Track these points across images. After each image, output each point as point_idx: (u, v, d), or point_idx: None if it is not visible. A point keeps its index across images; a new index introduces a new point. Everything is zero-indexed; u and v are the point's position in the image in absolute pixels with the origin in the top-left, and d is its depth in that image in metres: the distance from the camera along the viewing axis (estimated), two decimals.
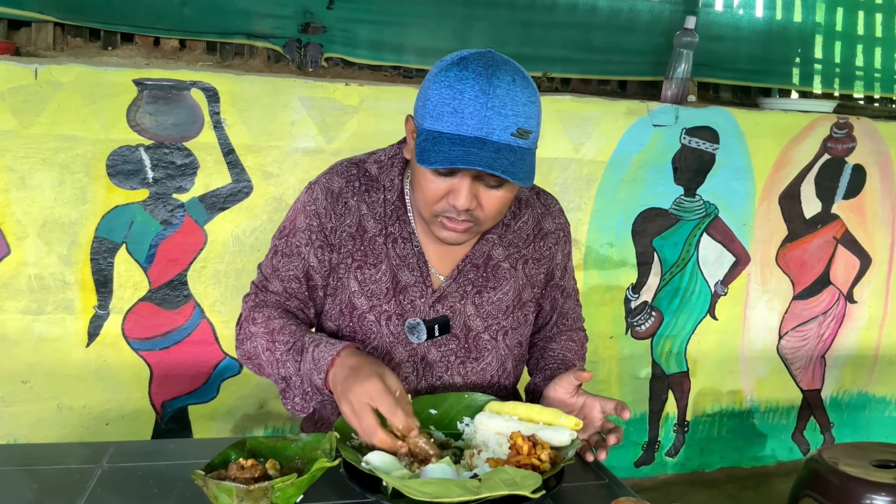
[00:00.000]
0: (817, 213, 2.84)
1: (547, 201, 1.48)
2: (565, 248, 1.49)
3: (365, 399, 1.10)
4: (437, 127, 1.15)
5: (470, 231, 1.25)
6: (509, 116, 1.14)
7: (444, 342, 1.37)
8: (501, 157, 1.13)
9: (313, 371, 1.21)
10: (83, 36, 2.34)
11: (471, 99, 1.13)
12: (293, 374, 1.26)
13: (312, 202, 1.35)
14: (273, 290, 1.37)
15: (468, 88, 1.14)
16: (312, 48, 2.53)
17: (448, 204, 1.21)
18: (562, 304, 1.52)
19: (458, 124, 1.13)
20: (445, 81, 1.16)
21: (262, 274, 1.39)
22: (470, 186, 1.18)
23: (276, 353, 1.28)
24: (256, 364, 1.34)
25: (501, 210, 1.25)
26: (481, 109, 1.13)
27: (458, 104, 1.14)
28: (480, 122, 1.13)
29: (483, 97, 1.13)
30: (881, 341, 3.07)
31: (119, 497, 1.07)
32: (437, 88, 1.16)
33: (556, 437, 1.16)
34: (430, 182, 1.20)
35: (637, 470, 2.82)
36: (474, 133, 1.13)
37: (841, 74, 3.27)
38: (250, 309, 1.36)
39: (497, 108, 1.13)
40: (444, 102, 1.15)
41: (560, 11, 2.80)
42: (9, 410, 2.07)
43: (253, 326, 1.32)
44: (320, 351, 1.21)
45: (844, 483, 1.72)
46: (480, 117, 1.13)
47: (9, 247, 2.00)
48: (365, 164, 1.39)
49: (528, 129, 1.17)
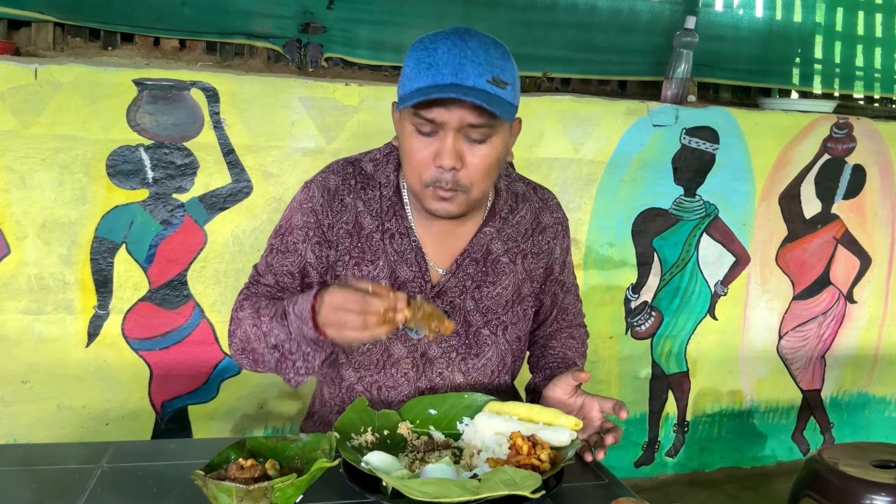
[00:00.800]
0: (817, 214, 2.84)
1: (544, 196, 1.48)
2: (564, 243, 1.50)
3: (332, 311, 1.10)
4: (414, 85, 1.18)
5: (459, 200, 1.25)
6: (483, 65, 1.17)
7: (444, 338, 1.37)
8: (479, 95, 1.15)
9: (302, 325, 1.18)
10: (83, 36, 2.34)
11: (444, 52, 1.17)
12: (285, 340, 1.22)
13: (309, 200, 1.36)
14: (265, 283, 1.37)
15: (441, 44, 1.18)
16: (312, 48, 2.53)
17: (435, 168, 1.22)
18: (562, 300, 1.53)
19: (434, 76, 1.17)
20: (420, 46, 1.21)
21: (256, 271, 1.40)
22: (453, 142, 1.20)
23: (262, 326, 1.26)
24: (250, 352, 1.30)
25: (488, 171, 1.25)
26: (455, 58, 1.16)
27: (432, 59, 1.17)
28: (455, 69, 1.16)
29: (456, 48, 1.17)
30: (881, 341, 3.07)
31: (119, 497, 1.07)
32: (412, 55, 1.21)
33: (556, 438, 1.16)
34: (416, 148, 1.23)
35: (637, 470, 2.82)
36: (450, 80, 1.16)
37: (841, 74, 3.27)
38: (240, 302, 1.35)
39: (471, 58, 1.17)
40: (420, 61, 1.19)
41: (560, 11, 2.80)
42: (9, 410, 2.07)
43: (241, 313, 1.31)
44: (299, 305, 1.19)
45: (844, 483, 1.72)
46: (455, 65, 1.16)
47: (9, 247, 2.00)
48: (360, 162, 1.40)
49: (505, 80, 1.19)
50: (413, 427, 1.27)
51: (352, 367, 1.39)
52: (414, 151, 1.23)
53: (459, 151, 1.21)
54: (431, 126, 1.20)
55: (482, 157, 1.23)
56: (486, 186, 1.28)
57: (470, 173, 1.23)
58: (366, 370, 1.38)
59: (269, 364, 1.29)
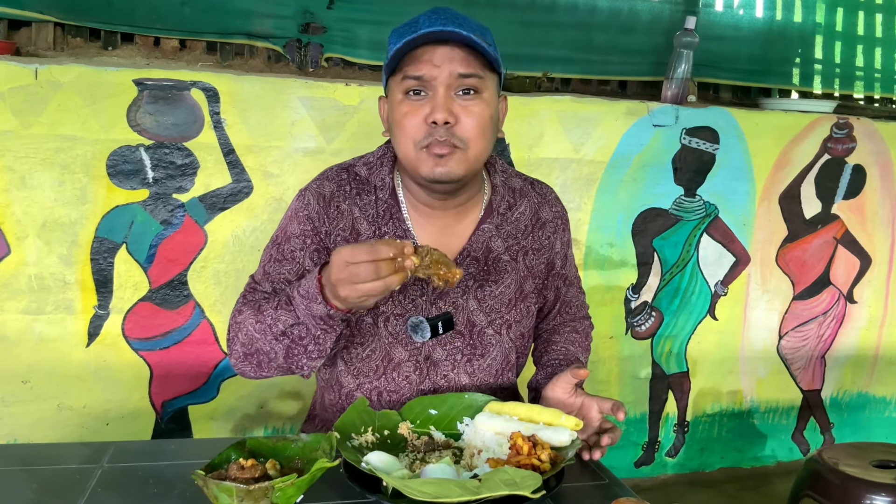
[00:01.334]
0: (817, 214, 2.84)
1: (542, 190, 1.48)
2: (564, 237, 1.49)
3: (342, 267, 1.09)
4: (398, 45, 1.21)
5: (457, 157, 1.24)
6: (464, 26, 1.20)
7: (449, 340, 1.36)
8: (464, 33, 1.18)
9: (310, 304, 1.17)
10: (83, 36, 2.34)
11: (425, 19, 1.21)
12: (293, 324, 1.21)
13: (304, 207, 1.35)
14: (262, 290, 1.35)
15: (421, 17, 1.23)
16: (312, 48, 2.53)
17: (429, 126, 1.22)
18: (564, 293, 1.52)
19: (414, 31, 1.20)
20: (399, 27, 1.25)
21: (253, 280, 1.38)
22: (444, 97, 1.21)
23: (266, 319, 1.23)
24: (253, 354, 1.27)
25: (483, 128, 1.25)
26: (437, 21, 1.20)
27: (414, 27, 1.21)
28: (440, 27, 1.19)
29: (435, 15, 1.22)
30: (881, 341, 3.07)
31: (119, 497, 1.07)
32: (393, 33, 1.25)
33: (557, 438, 1.16)
34: (406, 113, 1.24)
35: (637, 470, 2.82)
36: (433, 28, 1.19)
37: (841, 75, 3.27)
38: (237, 309, 1.33)
39: (451, 19, 1.21)
40: (401, 34, 1.22)
41: (560, 11, 2.80)
42: (9, 410, 2.08)
43: (240, 317, 1.29)
44: (304, 285, 1.18)
45: (844, 483, 1.72)
46: (439, 25, 1.20)
47: (9, 247, 2.00)
48: (354, 167, 1.39)
49: (487, 41, 1.22)
50: (413, 427, 1.27)
51: (351, 374, 1.38)
52: (405, 117, 1.24)
53: (451, 107, 1.22)
54: (420, 84, 1.22)
55: (475, 114, 1.24)
56: (483, 146, 1.27)
57: (465, 129, 1.24)
58: (365, 377, 1.37)
59: (276, 361, 1.25)
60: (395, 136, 1.29)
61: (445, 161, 1.24)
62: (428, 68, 1.21)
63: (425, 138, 1.23)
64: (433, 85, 1.22)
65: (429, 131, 1.23)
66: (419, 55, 1.21)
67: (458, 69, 1.21)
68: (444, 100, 1.21)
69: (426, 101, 1.23)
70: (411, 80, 1.22)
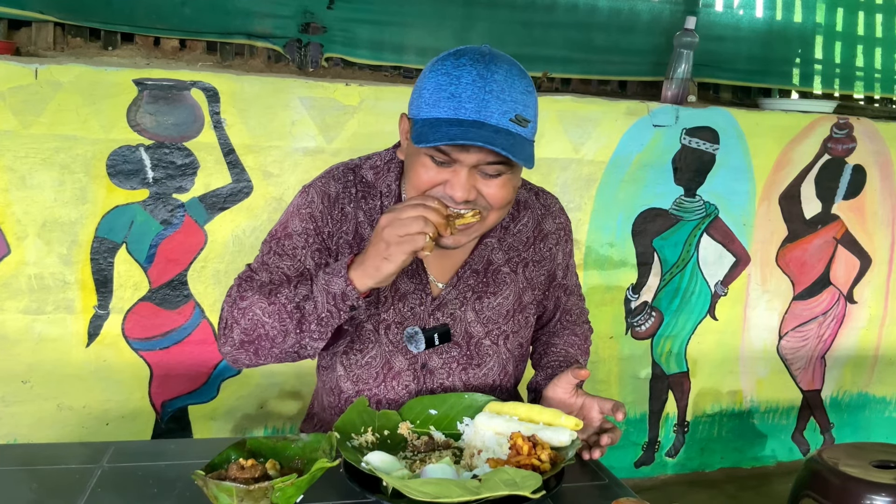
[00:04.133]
0: (817, 214, 2.84)
1: (546, 201, 1.46)
2: (566, 247, 1.48)
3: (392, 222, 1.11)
4: (433, 114, 1.14)
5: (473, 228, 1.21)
6: (507, 102, 1.14)
7: (445, 349, 1.36)
8: (500, 138, 1.12)
9: (332, 277, 1.17)
10: (83, 36, 2.34)
11: (468, 83, 1.13)
12: (306, 295, 1.19)
13: (308, 205, 1.32)
14: (259, 279, 1.29)
15: (465, 74, 1.14)
16: (312, 48, 2.53)
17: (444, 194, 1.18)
18: (565, 302, 1.52)
19: (456, 108, 1.13)
20: (442, 69, 1.16)
21: (250, 268, 1.33)
22: (467, 177, 1.16)
23: (280, 298, 1.20)
24: (255, 340, 1.22)
25: (507, 199, 1.21)
26: (479, 93, 1.13)
27: (455, 89, 1.13)
28: (479, 105, 1.12)
29: (481, 81, 1.13)
30: (881, 341, 3.07)
31: (119, 497, 1.07)
32: (433, 77, 1.16)
33: (557, 438, 1.16)
34: (425, 172, 1.18)
35: (637, 470, 2.82)
36: (472, 116, 1.12)
37: (841, 75, 3.27)
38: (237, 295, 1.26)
39: (495, 93, 1.13)
40: (441, 89, 1.14)
41: (560, 11, 2.80)
42: (9, 410, 2.07)
43: (243, 302, 1.24)
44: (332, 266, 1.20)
45: (844, 483, 1.72)
46: (479, 100, 1.12)
47: (9, 247, 2.00)
48: (361, 169, 1.35)
49: (527, 118, 1.16)
50: (413, 427, 1.27)
51: (350, 381, 1.37)
52: (422, 175, 1.19)
53: (474, 184, 1.18)
54: (447, 158, 1.16)
55: (496, 188, 1.19)
56: (499, 216, 1.25)
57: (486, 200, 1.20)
58: (364, 383, 1.36)
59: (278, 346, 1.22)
60: (408, 179, 1.24)
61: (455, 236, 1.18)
62: (458, 152, 1.15)
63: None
64: (459, 163, 1.16)
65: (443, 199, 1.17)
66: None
67: (488, 157, 1.15)
68: (466, 180, 1.16)
69: (448, 171, 1.17)
70: (437, 152, 1.16)
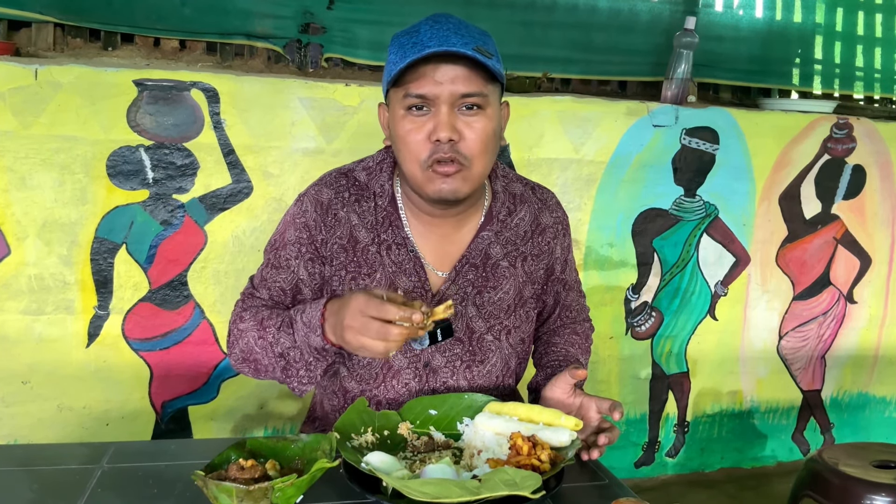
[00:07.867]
0: (817, 214, 2.84)
1: (543, 196, 1.47)
2: (564, 242, 1.49)
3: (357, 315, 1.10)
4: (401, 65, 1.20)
5: (463, 175, 1.24)
6: (466, 36, 1.20)
7: (448, 346, 1.36)
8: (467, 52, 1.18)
9: (309, 333, 1.20)
10: (83, 36, 2.34)
11: (427, 29, 1.21)
12: (290, 347, 1.25)
13: (302, 214, 1.35)
14: (260, 297, 1.37)
15: (422, 25, 1.23)
16: (312, 48, 2.53)
17: (433, 144, 1.22)
18: (564, 298, 1.52)
19: (420, 49, 1.19)
20: (401, 33, 1.26)
21: (252, 284, 1.40)
22: (447, 115, 1.20)
23: (267, 337, 1.27)
24: (252, 362, 1.31)
25: (486, 144, 1.25)
26: (439, 32, 1.20)
27: (416, 38, 1.21)
28: (440, 41, 1.19)
29: (438, 25, 1.21)
30: (881, 342, 3.07)
31: (119, 497, 1.07)
32: (394, 42, 1.25)
33: (556, 438, 1.16)
34: (409, 130, 1.23)
35: (637, 470, 2.82)
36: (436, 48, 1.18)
37: (841, 75, 3.27)
38: (238, 314, 1.35)
39: (454, 30, 1.20)
40: (402, 45, 1.22)
41: (560, 11, 2.80)
42: (9, 411, 2.08)
43: (242, 324, 1.32)
44: (307, 314, 1.21)
45: (844, 483, 1.72)
46: (440, 37, 1.19)
47: (9, 247, 2.00)
48: (353, 172, 1.39)
49: (489, 51, 1.22)
50: (413, 427, 1.27)
51: (354, 380, 1.38)
52: (408, 134, 1.23)
53: (454, 123, 1.22)
54: (423, 101, 1.21)
55: (478, 130, 1.23)
56: (486, 162, 1.27)
57: (469, 145, 1.23)
58: (366, 384, 1.37)
59: (272, 373, 1.30)
60: (398, 151, 1.29)
61: (451, 180, 1.24)
62: (430, 86, 1.20)
63: (430, 156, 1.23)
64: (436, 102, 1.21)
65: (433, 148, 1.22)
66: (421, 72, 1.20)
67: (461, 89, 1.20)
68: (447, 117, 1.21)
69: (429, 118, 1.22)
70: (413, 98, 1.21)
